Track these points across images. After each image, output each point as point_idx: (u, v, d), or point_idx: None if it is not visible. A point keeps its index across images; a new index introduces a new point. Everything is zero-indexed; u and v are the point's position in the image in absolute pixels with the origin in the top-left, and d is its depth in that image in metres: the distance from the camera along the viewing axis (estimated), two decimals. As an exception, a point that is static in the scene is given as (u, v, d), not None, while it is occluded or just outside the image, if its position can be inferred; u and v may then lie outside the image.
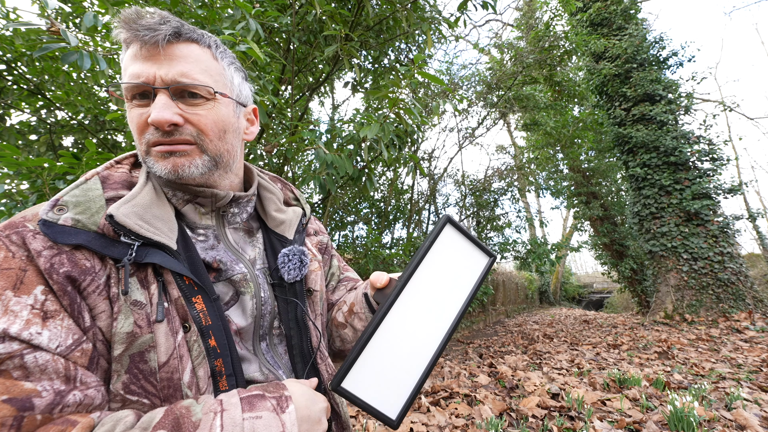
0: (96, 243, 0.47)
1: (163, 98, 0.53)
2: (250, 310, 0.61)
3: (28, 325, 0.40)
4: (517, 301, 12.93)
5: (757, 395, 2.78)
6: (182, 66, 0.54)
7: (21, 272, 0.43)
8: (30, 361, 0.39)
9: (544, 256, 7.28)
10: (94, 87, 2.99)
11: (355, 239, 7.73)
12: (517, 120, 9.98)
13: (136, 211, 0.51)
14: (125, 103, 0.56)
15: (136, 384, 0.47)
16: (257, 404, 0.45)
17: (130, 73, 0.53)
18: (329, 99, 8.45)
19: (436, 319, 0.59)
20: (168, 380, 0.48)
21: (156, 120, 0.52)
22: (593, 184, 10.54)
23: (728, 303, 6.07)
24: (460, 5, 2.81)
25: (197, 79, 0.55)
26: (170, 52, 0.54)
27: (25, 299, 0.42)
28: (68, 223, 0.47)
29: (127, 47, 0.54)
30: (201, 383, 0.51)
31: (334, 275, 0.86)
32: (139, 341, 0.47)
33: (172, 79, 0.53)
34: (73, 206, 0.48)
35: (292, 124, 2.73)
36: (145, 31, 0.51)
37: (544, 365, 4.14)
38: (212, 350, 0.53)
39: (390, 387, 0.55)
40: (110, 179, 0.55)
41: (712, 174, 6.79)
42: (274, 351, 0.65)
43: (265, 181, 0.75)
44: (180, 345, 0.50)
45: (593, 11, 8.13)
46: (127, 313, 0.47)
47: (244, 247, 0.67)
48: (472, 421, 2.53)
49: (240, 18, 1.86)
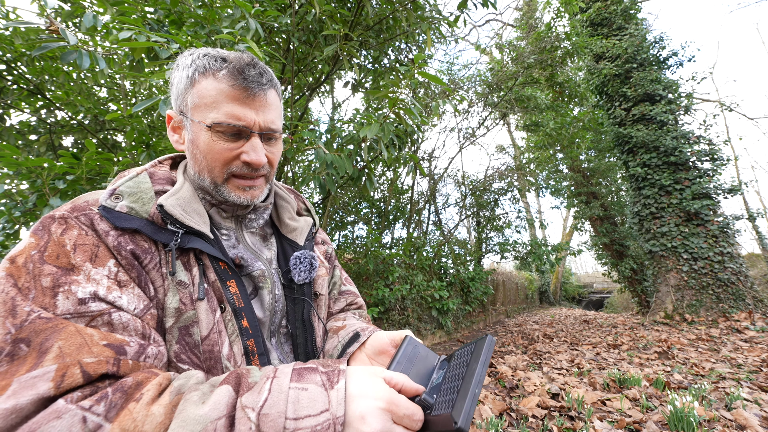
0: (148, 228, 0.54)
1: (259, 142, 0.61)
2: (267, 303, 0.67)
3: (110, 290, 0.47)
4: (517, 301, 12.93)
5: (757, 395, 2.77)
6: (271, 114, 0.63)
7: (95, 248, 0.49)
8: (116, 318, 0.46)
9: (544, 256, 7.29)
10: (93, 87, 2.99)
11: (355, 239, 7.74)
12: (517, 120, 9.97)
13: (180, 204, 0.58)
14: (205, 132, 0.60)
15: (184, 353, 0.53)
16: (306, 376, 0.46)
17: (229, 113, 0.58)
18: (329, 99, 8.46)
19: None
20: (209, 352, 0.55)
21: (255, 162, 0.61)
22: (593, 184, 10.54)
23: (728, 303, 6.06)
24: (460, 4, 2.81)
25: (278, 125, 0.65)
26: (264, 100, 0.61)
27: (101, 270, 0.48)
28: (124, 210, 0.53)
29: (219, 81, 0.59)
30: (237, 358, 0.57)
31: (336, 284, 0.90)
32: (184, 316, 0.54)
33: (266, 126, 0.62)
34: (128, 196, 0.55)
35: (292, 124, 2.73)
36: (255, 83, 0.59)
37: (544, 365, 4.13)
38: (245, 330, 0.59)
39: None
40: (156, 175, 0.62)
41: (712, 174, 6.79)
42: (281, 349, 0.69)
43: (281, 191, 0.83)
44: (218, 321, 0.56)
45: (593, 11, 8.13)
46: (174, 291, 0.54)
47: (261, 249, 0.73)
48: (472, 421, 2.53)
49: (240, 17, 1.85)
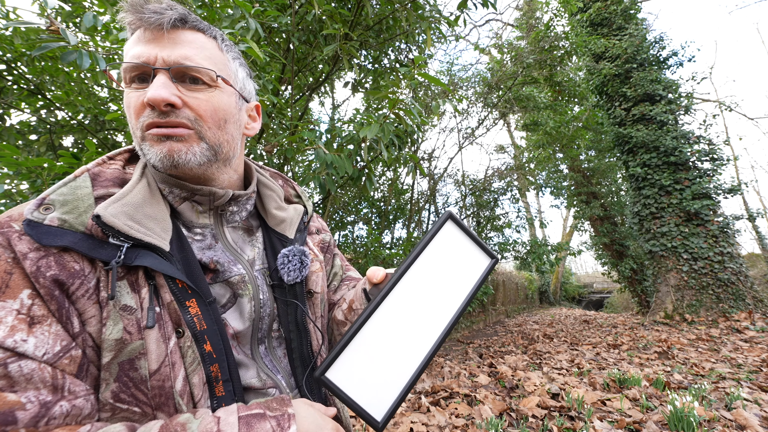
0: (83, 245, 0.44)
1: (162, 78, 0.50)
2: (248, 312, 0.59)
3: (12, 332, 0.38)
4: (517, 301, 12.92)
5: (757, 395, 2.77)
6: (186, 50, 0.52)
7: (6, 275, 0.40)
8: (14, 370, 0.37)
9: (544, 256, 7.29)
10: (94, 87, 2.99)
11: (355, 239, 7.74)
12: (517, 120, 9.98)
13: (126, 211, 0.48)
14: (126, 90, 0.54)
15: (126, 392, 0.44)
16: (255, 426, 0.42)
17: (131, 54, 0.51)
18: (329, 99, 8.45)
19: (432, 318, 0.56)
20: (159, 388, 0.46)
21: (152, 98, 0.48)
22: (593, 184, 10.54)
23: (728, 303, 6.06)
24: (460, 4, 2.81)
25: (200, 63, 0.53)
26: (174, 37, 0.52)
27: (10, 304, 0.39)
28: (54, 223, 0.44)
29: (132, 32, 0.53)
30: (195, 390, 0.48)
31: (337, 275, 0.83)
32: (128, 348, 0.44)
33: (174, 61, 0.51)
34: (60, 205, 0.45)
35: (292, 124, 2.73)
36: (151, 14, 0.50)
37: (544, 365, 4.13)
38: (208, 356, 0.50)
39: (378, 385, 0.51)
40: (101, 176, 0.52)
41: (712, 174, 6.79)
42: (272, 354, 0.63)
43: (265, 178, 0.73)
44: (172, 351, 0.47)
45: (593, 11, 8.12)
46: (116, 318, 0.44)
47: (243, 247, 0.64)
48: (472, 421, 2.53)
49: (239, 17, 1.85)
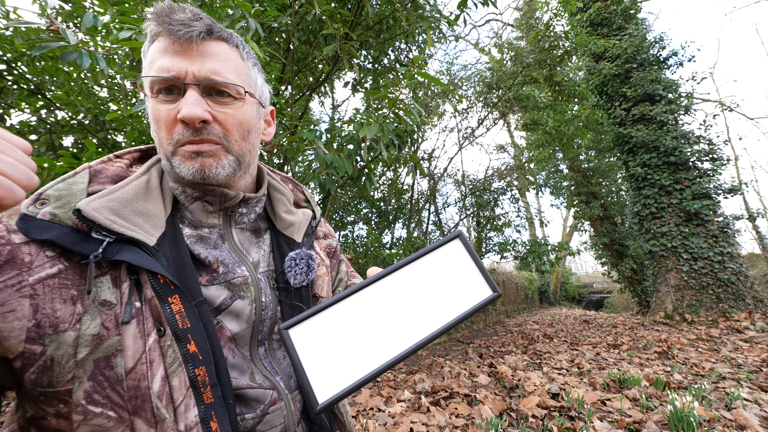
0: (67, 239, 0.44)
1: (194, 95, 0.51)
2: (247, 315, 0.58)
3: None
4: (517, 301, 12.93)
5: (757, 395, 2.77)
6: (214, 64, 0.53)
7: None
8: None
9: (544, 255, 7.29)
10: (94, 87, 2.99)
11: (355, 239, 7.74)
12: (517, 120, 9.98)
13: (111, 206, 0.48)
14: (151, 101, 0.54)
15: (100, 393, 0.42)
16: None
17: (158, 67, 0.51)
18: (329, 99, 8.46)
19: (412, 323, 0.54)
20: (135, 389, 0.43)
21: (187, 116, 0.50)
22: (593, 184, 10.54)
23: (728, 303, 6.06)
24: (460, 3, 2.81)
25: (228, 77, 0.54)
26: (202, 49, 0.52)
27: None
28: (46, 218, 0.44)
29: (153, 40, 0.53)
30: (175, 394, 0.45)
31: (342, 281, 0.83)
32: (105, 344, 0.43)
33: (205, 76, 0.52)
34: (54, 200, 0.46)
35: (292, 124, 2.73)
36: (179, 26, 0.50)
37: (544, 365, 4.13)
38: (191, 357, 0.47)
39: (334, 366, 0.49)
40: (102, 173, 0.52)
41: (712, 174, 6.79)
42: (272, 356, 0.62)
43: (275, 181, 0.74)
44: (151, 349, 0.45)
45: (593, 11, 8.12)
46: (94, 313, 0.43)
47: (248, 249, 0.64)
48: (472, 421, 2.53)
49: (239, 17, 1.85)
